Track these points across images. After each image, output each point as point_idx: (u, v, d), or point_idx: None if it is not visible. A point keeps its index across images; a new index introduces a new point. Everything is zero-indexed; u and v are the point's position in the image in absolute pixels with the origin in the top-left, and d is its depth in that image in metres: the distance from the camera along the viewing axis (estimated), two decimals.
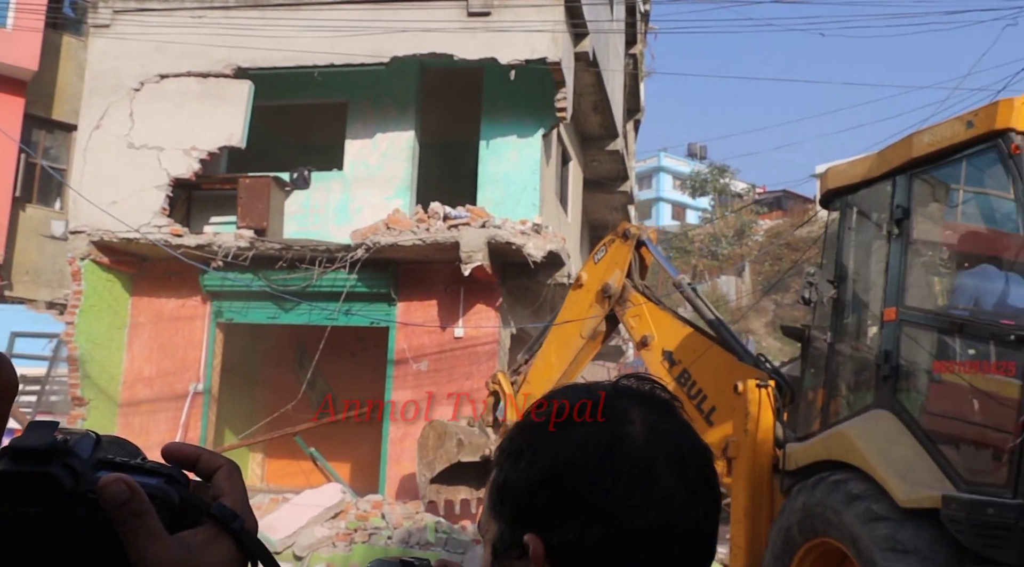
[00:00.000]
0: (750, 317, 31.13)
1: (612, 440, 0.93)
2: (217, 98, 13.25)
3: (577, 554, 0.91)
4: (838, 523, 5.33)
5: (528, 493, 0.94)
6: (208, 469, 0.76)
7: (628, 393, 1.00)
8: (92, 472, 0.68)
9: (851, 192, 6.30)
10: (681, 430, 0.98)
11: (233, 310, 13.63)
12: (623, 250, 7.98)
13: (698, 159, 52.72)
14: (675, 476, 0.93)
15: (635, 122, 22.22)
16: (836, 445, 5.74)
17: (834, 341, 6.19)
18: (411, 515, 11.03)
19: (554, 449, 0.94)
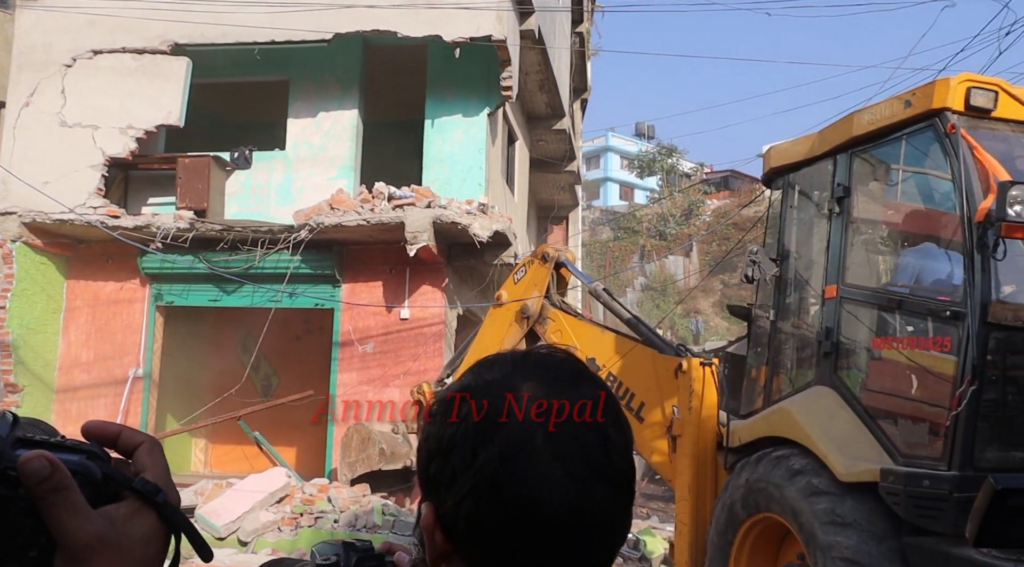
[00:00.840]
0: (697, 297, 31.39)
1: (494, 416, 0.95)
2: (154, 75, 12.89)
3: (456, 523, 0.94)
4: (780, 498, 5.41)
5: (426, 464, 0.99)
6: (129, 446, 0.76)
7: (531, 366, 1.01)
8: (11, 450, 0.68)
9: (793, 171, 6.34)
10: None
11: (173, 293, 13.34)
12: (542, 272, 8.16)
13: (646, 139, 52.88)
14: (552, 454, 0.93)
15: (582, 101, 22.16)
16: (778, 421, 5.82)
17: (776, 319, 6.25)
18: (358, 498, 10.92)
19: (446, 424, 0.98)
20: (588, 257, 31.03)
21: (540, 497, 0.92)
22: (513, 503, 0.92)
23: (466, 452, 0.94)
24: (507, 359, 1.03)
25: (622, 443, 0.98)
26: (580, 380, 1.01)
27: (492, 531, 0.93)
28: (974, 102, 4.92)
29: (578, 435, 0.95)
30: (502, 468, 0.92)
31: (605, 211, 42.88)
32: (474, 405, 0.97)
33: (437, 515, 0.96)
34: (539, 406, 0.95)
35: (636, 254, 35.26)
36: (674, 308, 30.88)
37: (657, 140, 47.29)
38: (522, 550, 0.93)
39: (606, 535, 0.96)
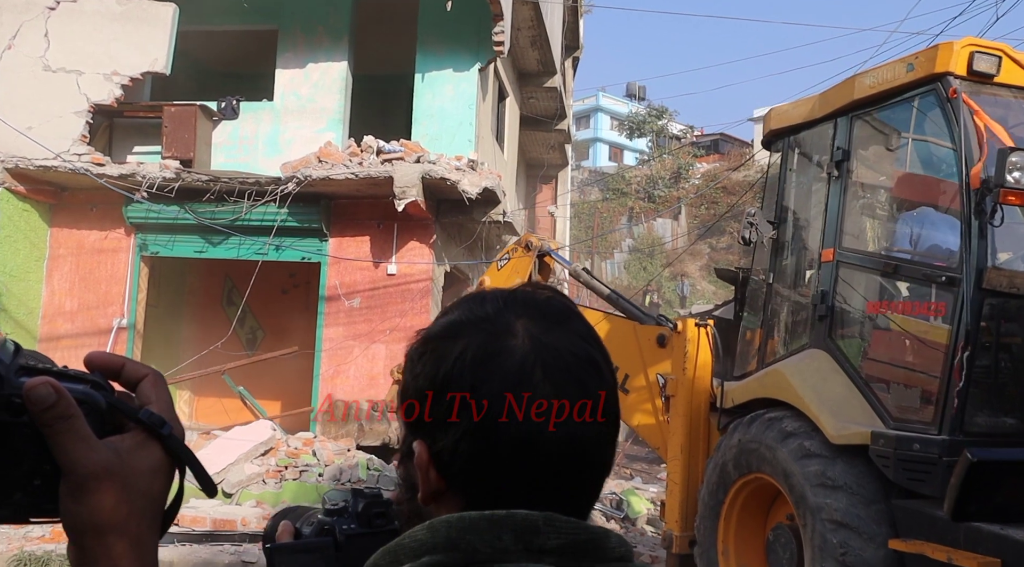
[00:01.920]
0: (685, 260, 31.40)
1: (490, 352, 0.94)
2: (139, 21, 12.64)
3: (454, 461, 0.93)
4: (772, 459, 5.46)
5: (413, 403, 0.98)
6: (133, 378, 0.76)
7: (520, 304, 1.00)
8: (15, 377, 0.67)
9: (793, 133, 6.32)
10: (570, 341, 0.97)
11: (158, 243, 13.21)
12: (524, 261, 8.26)
13: (637, 100, 52.55)
14: (552, 389, 0.93)
15: (573, 59, 21.95)
16: (771, 383, 5.84)
17: (773, 281, 6.23)
18: (342, 452, 10.93)
19: (437, 360, 0.96)
20: (576, 218, 30.95)
21: (540, 431, 0.92)
22: (515, 439, 0.92)
23: (465, 389, 0.93)
24: (497, 295, 1.02)
25: (610, 374, 1.00)
26: (569, 316, 1.01)
27: (492, 467, 0.93)
28: (977, 67, 4.88)
29: (573, 369, 0.96)
30: (504, 405, 0.92)
31: (594, 171, 42.68)
32: (469, 343, 0.96)
33: (431, 453, 0.95)
34: (534, 342, 0.95)
35: (624, 216, 35.19)
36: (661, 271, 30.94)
37: (648, 101, 47.03)
38: (521, 484, 0.93)
39: (596, 465, 0.97)
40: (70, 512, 0.69)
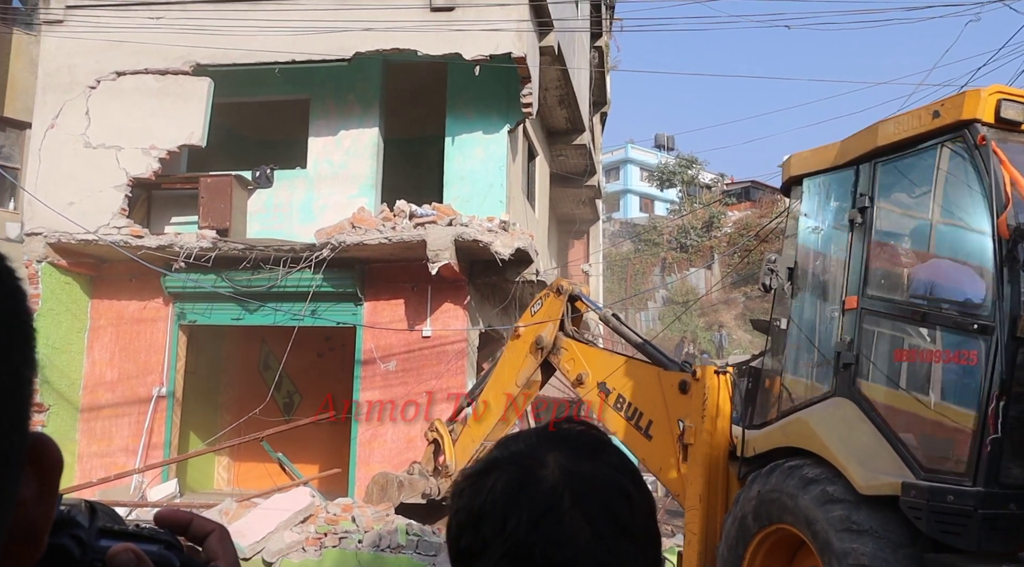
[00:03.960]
0: (720, 310, 31.22)
1: (521, 484, 0.98)
2: (176, 96, 12.96)
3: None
4: (793, 507, 5.33)
5: (456, 537, 1.01)
6: (200, 534, 0.79)
7: (553, 438, 1.05)
8: (95, 540, 0.70)
9: (812, 178, 6.23)
10: (601, 471, 1.00)
11: (196, 312, 13.38)
12: (556, 304, 8.39)
13: (665, 150, 52.74)
14: (581, 516, 0.95)
15: (601, 115, 22.13)
16: (795, 432, 5.73)
17: (793, 328, 6.14)
18: (382, 518, 10.87)
19: (474, 495, 1.01)
20: (609, 270, 30.94)
21: (570, 558, 0.93)
22: (544, 565, 0.93)
23: (496, 520, 0.97)
24: (531, 433, 1.08)
25: (644, 504, 1.01)
26: (602, 448, 1.05)
27: None
28: (1004, 114, 4.85)
29: (603, 497, 0.98)
30: (532, 532, 0.95)
31: (625, 223, 42.76)
32: (501, 476, 1.00)
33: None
34: (564, 473, 0.99)
35: (657, 267, 35.14)
36: (696, 322, 30.78)
37: (677, 151, 47.17)
38: None
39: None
40: None
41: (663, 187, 44.02)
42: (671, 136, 56.27)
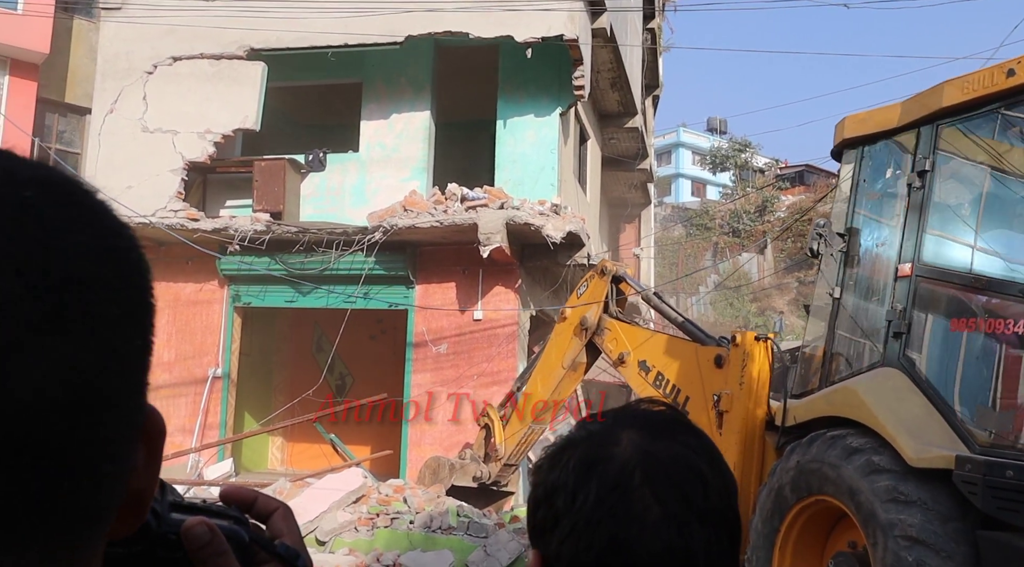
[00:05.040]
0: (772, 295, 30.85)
1: (592, 460, 0.98)
2: (231, 80, 13.11)
3: (559, 565, 0.97)
4: (835, 478, 5.14)
5: (532, 512, 1.03)
6: (264, 512, 0.80)
7: (629, 417, 1.04)
8: (168, 515, 0.72)
9: (869, 142, 6.01)
10: (675, 451, 0.99)
11: (251, 294, 13.55)
12: (600, 285, 8.43)
13: (718, 134, 52.19)
14: (650, 495, 0.95)
15: (654, 98, 21.91)
16: (841, 401, 5.53)
17: (841, 296, 5.98)
18: (433, 499, 10.95)
19: (550, 471, 1.02)
20: (660, 255, 30.73)
21: (636, 536, 0.93)
22: (609, 542, 0.93)
23: (567, 495, 0.97)
24: (609, 412, 1.07)
25: (721, 485, 0.99)
26: (678, 429, 1.03)
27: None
28: None
29: (675, 478, 0.97)
30: (599, 508, 0.95)
31: (677, 208, 42.43)
32: (575, 452, 1.01)
33: (542, 560, 0.99)
34: (636, 451, 0.98)
35: (709, 252, 34.82)
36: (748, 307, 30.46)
37: (730, 135, 46.64)
38: None
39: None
40: None
41: (715, 171, 43.58)
42: (724, 119, 55.66)
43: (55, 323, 0.45)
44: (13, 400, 0.43)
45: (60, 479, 0.46)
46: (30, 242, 0.45)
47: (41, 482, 0.45)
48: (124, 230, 0.53)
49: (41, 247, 0.46)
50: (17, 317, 0.43)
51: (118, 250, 0.51)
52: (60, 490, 0.46)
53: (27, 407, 0.44)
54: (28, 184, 0.48)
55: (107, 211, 0.52)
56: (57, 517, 0.47)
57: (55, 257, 0.46)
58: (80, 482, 0.47)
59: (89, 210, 0.51)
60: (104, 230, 0.51)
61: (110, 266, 0.50)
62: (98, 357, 0.47)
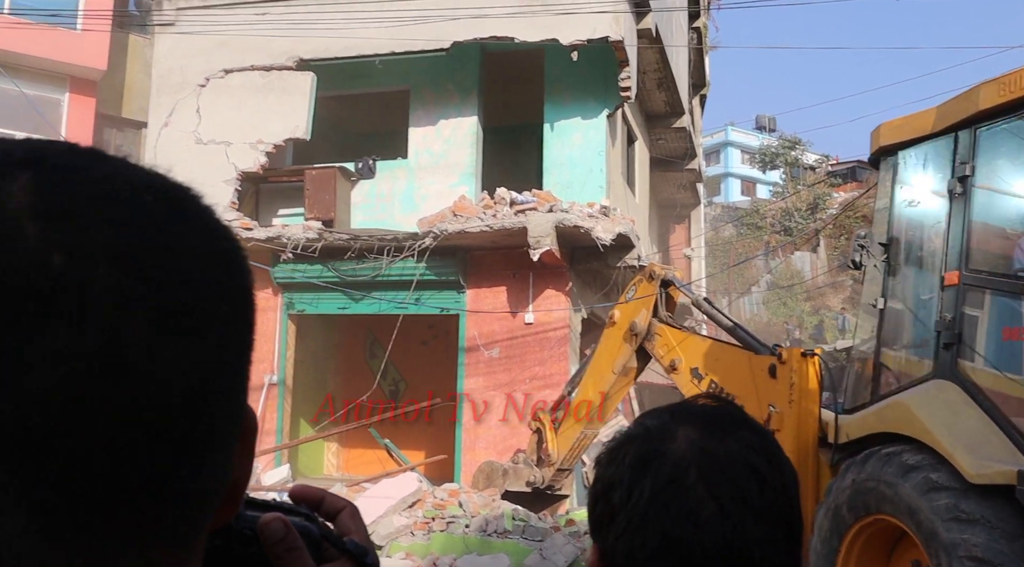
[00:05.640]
0: (827, 293, 30.44)
1: (648, 457, 0.99)
2: (281, 91, 13.30)
3: (615, 560, 0.97)
4: (893, 496, 4.99)
5: (591, 506, 1.04)
6: (332, 510, 0.82)
7: (686, 413, 1.05)
8: (244, 511, 0.74)
9: (905, 148, 5.90)
10: (732, 448, 0.99)
11: (304, 301, 13.72)
12: (649, 289, 8.35)
13: (767, 132, 51.64)
14: (705, 491, 0.95)
15: (701, 97, 21.78)
16: (893, 417, 5.38)
17: (886, 307, 5.86)
18: (488, 503, 10.98)
19: (607, 466, 1.03)
20: (711, 255, 30.49)
21: (689, 533, 0.93)
22: (663, 539, 0.94)
23: (623, 491, 0.98)
24: (666, 408, 1.08)
25: (779, 482, 0.99)
26: (736, 425, 1.03)
27: (644, 565, 0.95)
28: None
29: (731, 474, 0.97)
30: (653, 504, 0.95)
31: (727, 207, 42.04)
32: (632, 448, 1.02)
33: (600, 555, 1.00)
34: (692, 448, 0.98)
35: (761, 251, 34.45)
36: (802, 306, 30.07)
37: (779, 132, 46.12)
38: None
39: None
40: None
41: (765, 169, 43.12)
42: (772, 117, 55.13)
43: (175, 321, 0.47)
44: (138, 392, 0.45)
45: (179, 467, 0.48)
46: (152, 244, 0.48)
47: (163, 469, 0.47)
48: (229, 233, 0.56)
49: (161, 249, 0.48)
50: (142, 314, 0.46)
51: (226, 252, 0.54)
52: (178, 477, 0.49)
53: (150, 398, 0.46)
54: (146, 189, 0.51)
55: (214, 215, 0.55)
56: (176, 502, 0.49)
57: (174, 259, 0.49)
58: (194, 470, 0.50)
59: (199, 214, 0.53)
60: (214, 233, 0.53)
61: (220, 268, 0.52)
62: (213, 352, 0.50)
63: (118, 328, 0.45)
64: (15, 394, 0.43)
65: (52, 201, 0.46)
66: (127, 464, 0.46)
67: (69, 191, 0.47)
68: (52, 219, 0.45)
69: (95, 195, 0.48)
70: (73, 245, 0.45)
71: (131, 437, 0.46)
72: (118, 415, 0.45)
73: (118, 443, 0.45)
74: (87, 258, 0.45)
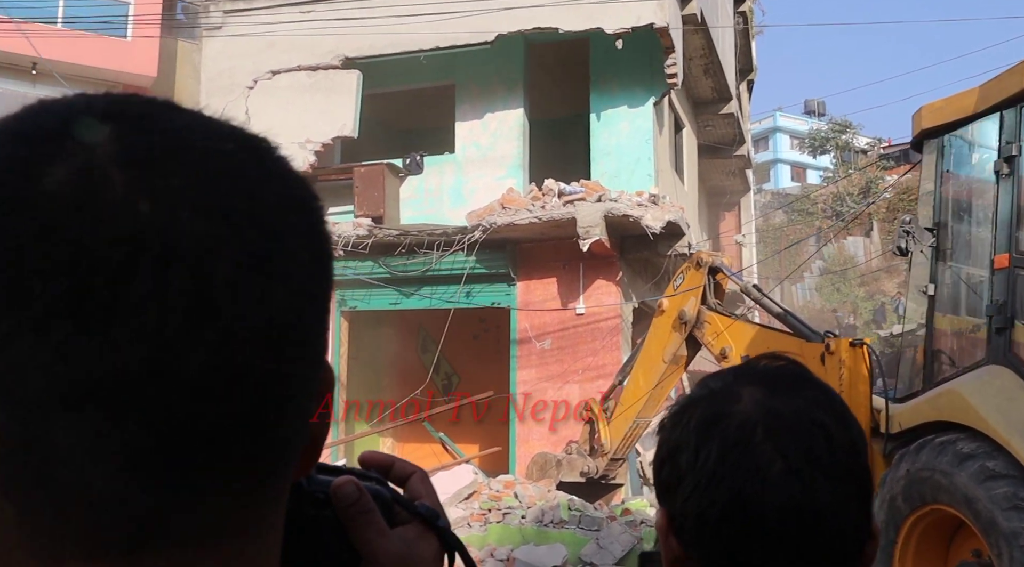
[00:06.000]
0: (881, 278, 29.93)
1: (714, 418, 0.98)
2: (328, 90, 13.42)
3: (684, 523, 0.97)
4: (949, 486, 4.90)
5: (657, 470, 1.04)
6: (402, 475, 0.82)
7: (750, 374, 1.04)
8: (315, 475, 0.74)
9: (949, 131, 5.79)
10: (798, 406, 0.98)
11: (356, 298, 13.83)
12: (697, 277, 8.32)
13: (816, 116, 50.90)
14: (773, 450, 0.94)
15: (748, 82, 21.54)
16: (947, 405, 5.29)
17: (935, 293, 5.74)
18: (543, 494, 10.99)
19: (672, 430, 1.03)
20: (762, 243, 30.15)
21: (759, 492, 0.93)
22: (733, 498, 0.93)
23: (689, 453, 0.98)
24: (729, 370, 1.08)
25: (847, 440, 0.97)
26: (801, 383, 1.02)
27: (715, 529, 0.94)
28: None
29: (799, 432, 0.96)
30: (721, 464, 0.95)
31: (777, 194, 41.53)
32: (697, 410, 1.01)
33: (669, 518, 1.00)
34: (757, 407, 0.98)
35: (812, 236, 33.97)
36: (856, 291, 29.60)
37: (829, 116, 45.42)
38: (745, 548, 0.94)
39: (835, 532, 0.94)
40: None
41: (815, 154, 42.50)
42: (822, 101, 54.27)
43: (259, 264, 0.48)
44: (225, 333, 0.46)
45: (264, 411, 0.49)
46: (235, 190, 0.48)
47: (249, 413, 0.48)
48: (307, 182, 0.56)
49: (244, 195, 0.49)
50: (227, 258, 0.46)
51: (305, 200, 0.54)
52: (263, 422, 0.49)
53: (238, 340, 0.46)
54: (228, 138, 0.51)
55: (290, 164, 0.55)
56: (261, 447, 0.50)
57: (255, 204, 0.49)
58: (278, 416, 0.50)
59: (278, 163, 0.54)
60: (292, 181, 0.54)
61: (300, 215, 0.53)
62: (295, 297, 0.50)
63: (204, 272, 0.45)
64: (106, 339, 0.43)
65: (136, 150, 0.47)
66: (215, 408, 0.46)
67: (152, 141, 0.48)
68: (137, 167, 0.46)
69: (177, 144, 0.49)
70: (158, 192, 0.46)
71: (219, 380, 0.46)
72: (206, 358, 0.45)
73: (207, 386, 0.46)
74: (172, 204, 0.46)
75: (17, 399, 0.44)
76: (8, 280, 0.44)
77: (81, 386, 0.44)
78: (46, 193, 0.45)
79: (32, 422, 0.44)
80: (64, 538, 0.45)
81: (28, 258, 0.44)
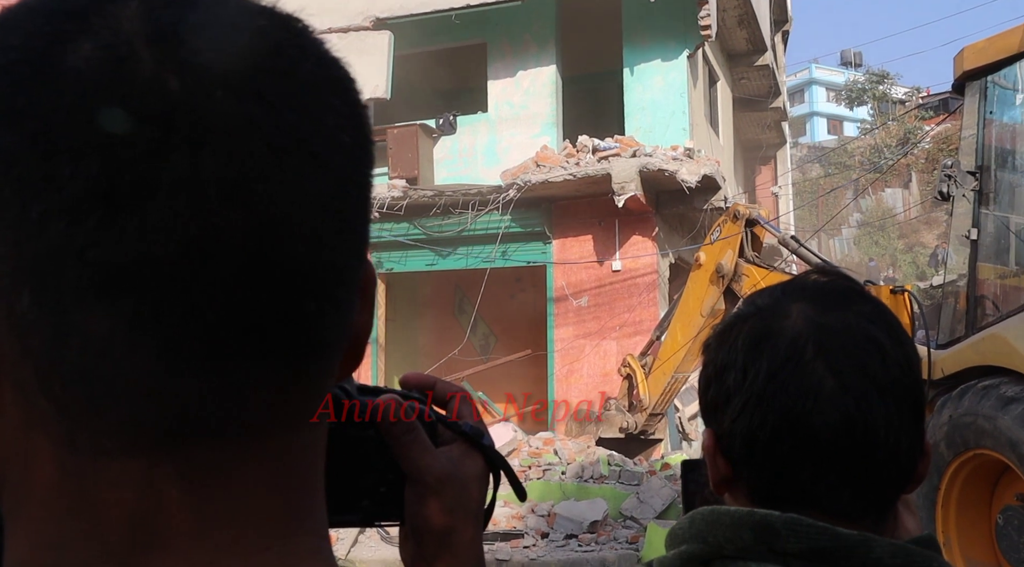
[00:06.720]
0: (920, 230, 29.51)
1: (762, 335, 0.95)
2: (359, 52, 13.36)
3: (733, 443, 0.95)
4: (992, 430, 4.86)
5: (703, 391, 1.01)
6: (444, 396, 0.82)
7: (798, 289, 1.00)
8: (358, 395, 0.74)
9: (993, 71, 5.65)
10: (849, 321, 0.94)
11: (392, 260, 13.89)
12: (734, 230, 8.27)
13: (853, 67, 49.96)
14: (824, 366, 0.91)
15: (783, 33, 21.16)
16: (990, 349, 5.21)
17: (979, 237, 5.65)
18: (583, 450, 11.06)
19: (718, 351, 1.00)
20: (798, 196, 29.81)
21: (810, 409, 0.90)
22: (784, 416, 0.91)
23: (737, 372, 0.95)
24: (777, 286, 1.04)
25: (902, 356, 0.94)
26: (852, 298, 0.98)
27: (765, 448, 0.92)
28: None
29: (851, 348, 0.93)
30: (771, 382, 0.92)
31: (813, 147, 40.96)
32: (745, 328, 0.98)
33: (716, 439, 0.98)
34: (808, 323, 0.94)
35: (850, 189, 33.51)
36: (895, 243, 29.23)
37: (866, 67, 44.57)
38: (796, 467, 0.92)
39: (888, 451, 0.92)
40: (417, 515, 0.75)
41: (852, 106, 41.78)
42: (858, 52, 53.21)
43: (296, 146, 0.45)
44: (261, 218, 0.43)
45: (304, 299, 0.46)
46: (270, 67, 0.45)
47: (288, 302, 0.45)
48: (342, 62, 0.52)
49: (280, 73, 0.46)
50: (261, 139, 0.44)
51: (343, 81, 0.51)
52: (303, 313, 0.46)
53: (274, 226, 0.44)
54: (261, 15, 0.48)
55: (324, 43, 0.51)
56: (303, 337, 0.47)
57: (292, 83, 0.46)
58: (319, 308, 0.47)
59: (313, 41, 0.50)
60: (329, 60, 0.50)
61: (338, 96, 0.49)
62: (335, 182, 0.47)
63: (237, 154, 0.43)
64: (140, 224, 0.41)
65: (165, 25, 0.43)
66: (252, 296, 0.44)
67: (182, 15, 0.44)
68: (166, 43, 0.43)
69: (208, 19, 0.45)
70: (188, 69, 0.43)
71: (255, 268, 0.44)
72: (242, 243, 0.43)
73: (244, 273, 0.43)
74: (203, 82, 0.43)
75: (50, 288, 0.42)
76: (38, 161, 0.41)
77: (115, 273, 0.42)
78: (72, 70, 0.42)
79: (66, 312, 0.42)
80: (103, 433, 0.44)
81: (58, 138, 0.41)
